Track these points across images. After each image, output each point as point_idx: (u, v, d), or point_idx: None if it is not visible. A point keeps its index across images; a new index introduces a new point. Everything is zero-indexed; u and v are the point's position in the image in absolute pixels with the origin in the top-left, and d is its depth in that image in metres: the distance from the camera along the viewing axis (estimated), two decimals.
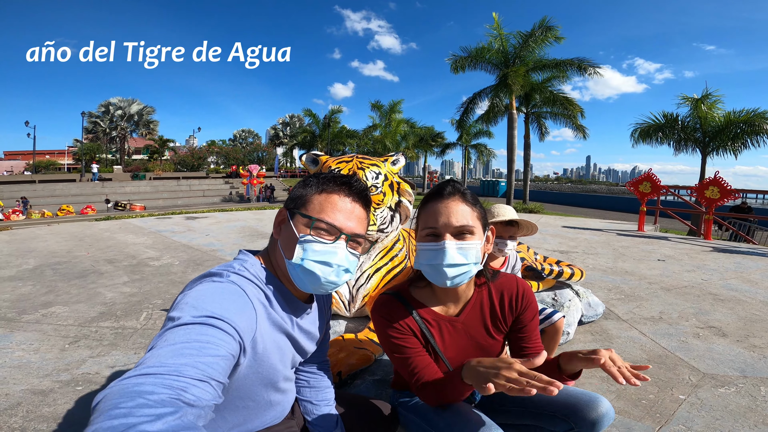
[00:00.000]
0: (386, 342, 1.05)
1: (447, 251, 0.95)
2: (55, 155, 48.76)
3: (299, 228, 0.87)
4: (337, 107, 34.19)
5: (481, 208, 1.04)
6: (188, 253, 5.06)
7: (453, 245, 0.96)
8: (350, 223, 0.90)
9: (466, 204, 1.00)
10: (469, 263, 0.97)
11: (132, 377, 0.55)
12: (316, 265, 0.85)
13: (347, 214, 0.90)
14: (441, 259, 0.96)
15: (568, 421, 0.97)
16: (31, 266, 4.30)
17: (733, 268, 4.55)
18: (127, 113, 42.59)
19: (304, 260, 0.85)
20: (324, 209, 0.88)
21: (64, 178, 23.06)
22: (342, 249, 0.88)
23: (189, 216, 9.72)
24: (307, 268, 0.85)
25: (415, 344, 1.03)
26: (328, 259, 0.86)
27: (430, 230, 0.99)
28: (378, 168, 2.16)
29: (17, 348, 2.27)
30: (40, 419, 1.61)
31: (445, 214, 0.98)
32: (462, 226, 0.97)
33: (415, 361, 1.02)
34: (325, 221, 0.87)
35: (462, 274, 0.98)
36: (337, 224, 0.87)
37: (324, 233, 0.87)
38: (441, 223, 0.97)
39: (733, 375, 2.05)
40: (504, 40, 15.44)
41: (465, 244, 0.96)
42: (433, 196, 1.03)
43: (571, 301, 2.51)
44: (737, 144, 11.60)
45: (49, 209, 14.04)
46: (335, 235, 0.88)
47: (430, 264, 0.98)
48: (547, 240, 6.29)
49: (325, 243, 0.86)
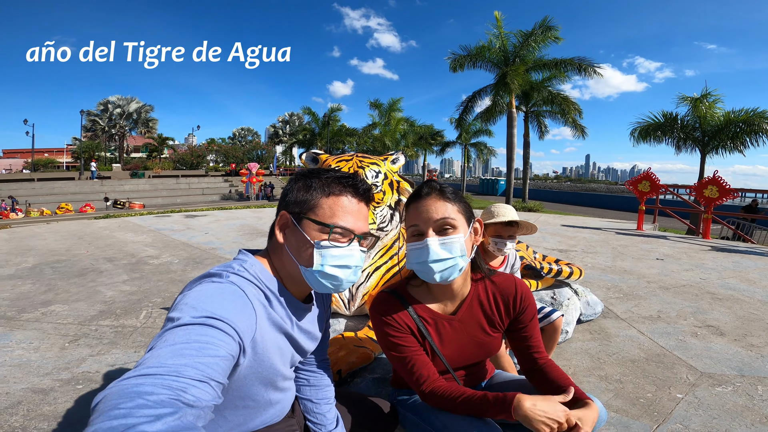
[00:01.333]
0: (383, 340, 1.07)
1: (430, 248, 0.99)
2: (54, 153, 48.66)
3: (311, 234, 0.88)
4: (336, 105, 34.15)
5: (462, 202, 1.07)
6: (188, 252, 5.06)
7: (435, 241, 1.00)
8: (360, 223, 0.92)
9: (445, 200, 1.04)
10: (454, 257, 1.00)
11: (131, 378, 0.55)
12: (337, 269, 0.88)
13: (356, 215, 0.92)
14: (426, 256, 0.99)
15: None
16: (30, 264, 4.30)
17: (732, 267, 4.56)
18: (126, 111, 42.48)
19: (324, 266, 0.87)
20: (335, 213, 0.89)
21: (63, 177, 22.99)
22: (357, 250, 0.91)
23: (188, 214, 9.72)
24: (327, 273, 0.87)
25: (412, 343, 1.05)
26: (347, 263, 0.89)
27: (414, 228, 1.04)
28: (378, 167, 2.17)
29: (17, 347, 2.27)
30: (40, 418, 1.61)
31: (424, 211, 1.03)
32: (441, 219, 1.01)
33: (413, 360, 1.03)
34: (341, 226, 0.88)
35: (449, 268, 1.00)
36: (350, 227, 0.90)
37: (339, 237, 0.89)
38: (422, 219, 1.02)
39: (731, 374, 2.06)
40: (504, 39, 15.42)
41: (447, 239, 1.00)
42: (413, 197, 1.08)
43: (570, 300, 2.51)
44: (736, 143, 11.61)
45: (47, 207, 14.02)
46: (349, 238, 0.90)
47: (417, 262, 1.02)
48: (546, 239, 6.29)
49: (341, 246, 0.88)
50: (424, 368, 1.03)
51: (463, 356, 1.11)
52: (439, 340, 1.08)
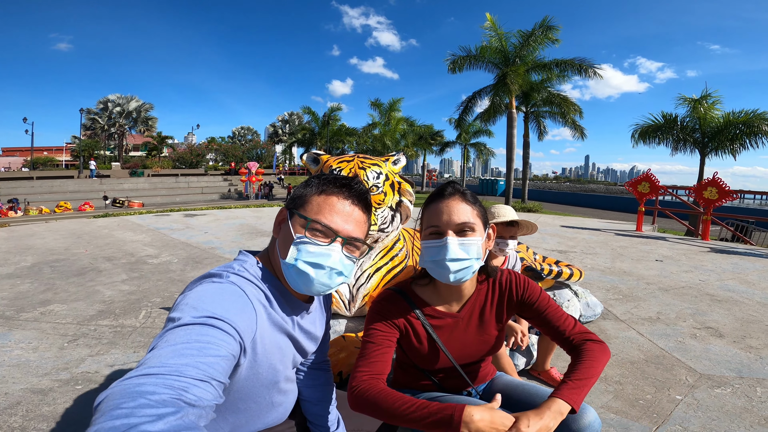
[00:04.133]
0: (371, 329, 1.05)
1: (449, 246, 1.00)
2: (53, 152, 48.56)
3: (296, 228, 0.87)
4: (336, 105, 34.13)
5: (481, 206, 1.08)
6: (187, 251, 5.06)
7: (455, 241, 1.00)
8: (348, 226, 0.89)
9: (467, 203, 1.04)
10: (470, 258, 1.01)
11: (133, 377, 0.55)
12: (309, 267, 0.85)
13: (345, 217, 0.89)
14: (444, 254, 1.00)
15: None
16: (29, 264, 4.29)
17: (731, 268, 4.57)
18: (126, 110, 42.42)
19: (298, 261, 0.85)
20: (321, 210, 0.88)
21: (62, 175, 22.92)
22: (337, 252, 0.87)
23: (188, 213, 9.71)
24: (299, 268, 0.85)
25: (389, 339, 1.04)
26: (320, 261, 0.85)
27: (434, 228, 1.04)
28: (379, 168, 2.17)
29: (16, 347, 2.26)
30: (39, 418, 1.61)
31: (446, 212, 1.03)
32: (463, 223, 1.02)
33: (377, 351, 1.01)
34: (320, 222, 0.86)
35: (464, 269, 1.01)
36: (333, 226, 0.87)
37: (319, 235, 0.87)
38: (443, 221, 1.02)
39: (730, 376, 2.06)
40: (503, 40, 15.41)
41: (466, 240, 1.01)
42: (435, 196, 1.08)
43: (570, 301, 2.52)
44: (736, 145, 11.61)
45: (46, 206, 13.98)
46: (331, 238, 0.87)
47: (433, 260, 1.02)
48: (546, 240, 6.30)
49: (320, 245, 0.86)
50: (379, 363, 0.99)
51: (466, 353, 1.12)
52: (444, 337, 1.09)
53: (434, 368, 1.13)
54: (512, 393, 1.12)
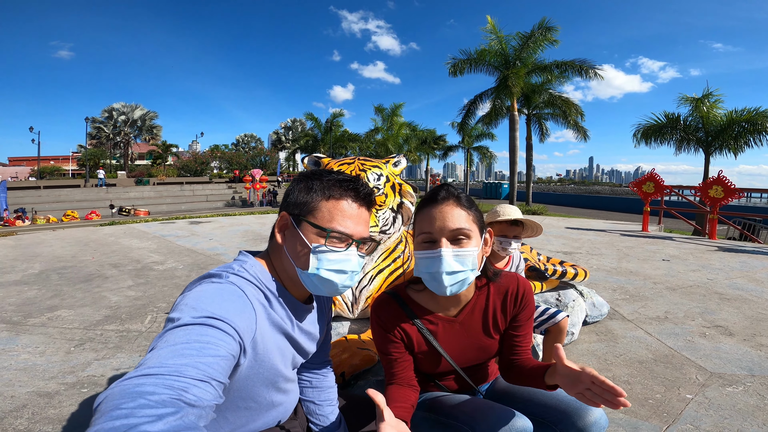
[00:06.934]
0: (377, 339, 1.09)
1: (444, 259, 0.94)
2: (59, 161, 49.18)
3: (309, 237, 0.87)
4: (338, 111, 34.29)
5: (476, 211, 1.03)
6: (192, 258, 5.08)
7: (449, 252, 0.95)
8: (359, 228, 0.90)
9: (461, 208, 0.99)
10: (466, 270, 0.96)
11: (133, 378, 0.55)
12: (333, 274, 0.87)
13: (356, 220, 0.90)
14: (438, 266, 0.95)
15: (555, 428, 0.96)
16: (36, 270, 4.33)
17: (739, 267, 4.51)
18: (131, 118, 42.86)
19: (320, 269, 0.86)
20: (334, 217, 0.88)
21: (69, 184, 23.17)
22: (354, 255, 0.89)
23: (193, 220, 9.76)
24: (323, 276, 0.86)
25: (400, 348, 1.06)
26: (343, 267, 0.87)
27: (426, 235, 0.99)
28: (379, 170, 2.17)
29: (23, 351, 2.28)
30: (45, 421, 1.62)
31: (440, 218, 0.97)
32: (457, 229, 0.96)
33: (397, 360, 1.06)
34: (338, 231, 0.87)
35: (460, 281, 0.97)
36: (348, 232, 0.88)
37: (336, 241, 0.88)
38: (436, 227, 0.97)
39: (741, 374, 2.03)
40: (503, 42, 15.43)
41: (461, 251, 0.96)
42: (427, 201, 1.03)
43: (576, 302, 2.49)
44: (740, 143, 11.51)
45: (53, 215, 14.13)
46: (347, 242, 0.88)
47: (428, 272, 0.97)
48: (551, 241, 6.26)
49: (338, 251, 0.87)
50: (403, 373, 1.06)
51: (464, 358, 1.10)
52: (442, 342, 1.07)
53: (436, 372, 1.12)
54: (515, 392, 1.11)
